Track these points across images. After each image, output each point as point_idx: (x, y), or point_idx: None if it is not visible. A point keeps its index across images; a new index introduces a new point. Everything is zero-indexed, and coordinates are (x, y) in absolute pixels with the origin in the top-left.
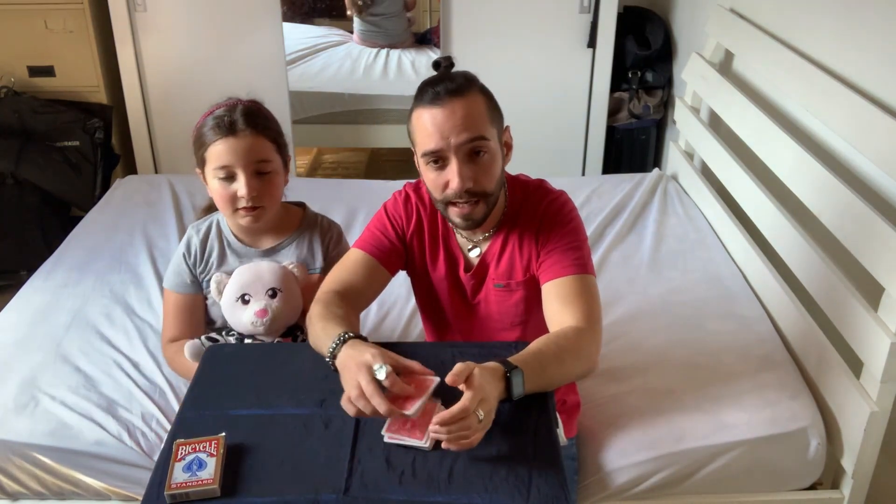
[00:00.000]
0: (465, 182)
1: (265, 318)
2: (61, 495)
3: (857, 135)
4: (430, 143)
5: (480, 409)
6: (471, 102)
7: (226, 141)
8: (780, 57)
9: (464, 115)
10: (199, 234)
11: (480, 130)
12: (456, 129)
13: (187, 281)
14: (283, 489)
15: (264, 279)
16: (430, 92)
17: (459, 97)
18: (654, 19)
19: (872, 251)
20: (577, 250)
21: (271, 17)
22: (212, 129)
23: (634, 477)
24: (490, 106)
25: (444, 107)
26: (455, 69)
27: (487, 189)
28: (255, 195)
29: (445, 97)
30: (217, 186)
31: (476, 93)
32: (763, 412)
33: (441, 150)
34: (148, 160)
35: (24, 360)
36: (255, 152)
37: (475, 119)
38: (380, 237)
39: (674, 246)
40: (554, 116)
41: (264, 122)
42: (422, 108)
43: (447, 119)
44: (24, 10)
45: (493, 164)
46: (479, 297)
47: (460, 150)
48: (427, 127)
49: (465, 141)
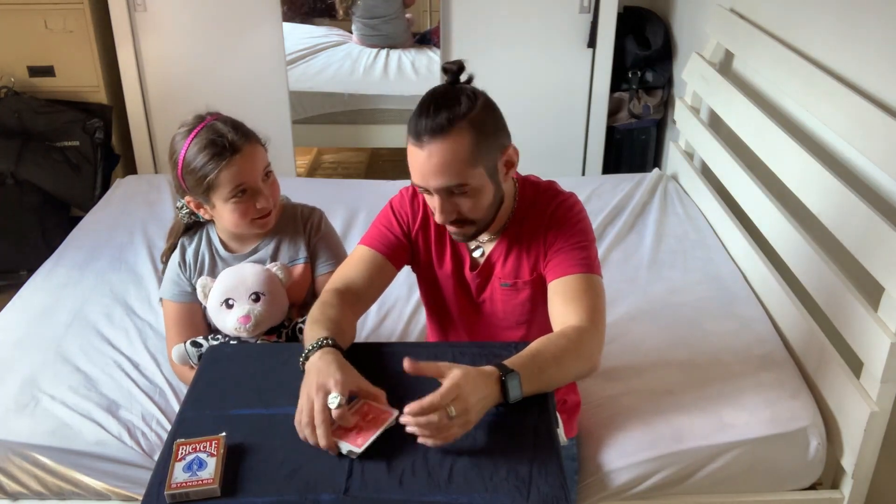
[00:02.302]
0: (446, 216)
1: (248, 324)
2: (61, 495)
3: (857, 135)
4: (415, 178)
5: (454, 406)
6: (453, 144)
7: (232, 162)
8: (780, 57)
9: (440, 161)
10: (190, 246)
11: (457, 177)
12: (433, 175)
13: (187, 289)
14: (283, 489)
15: (247, 283)
16: (415, 124)
17: (440, 139)
18: (654, 19)
19: (872, 251)
20: (585, 250)
21: (271, 17)
22: (212, 158)
23: (634, 477)
24: (478, 140)
25: (423, 149)
26: (465, 74)
27: (471, 217)
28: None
29: (426, 137)
30: (232, 207)
31: (462, 130)
32: (763, 412)
33: (423, 187)
34: (148, 160)
35: (24, 360)
36: (260, 160)
37: (452, 165)
38: (385, 233)
39: (674, 246)
40: (554, 116)
41: (247, 129)
42: (410, 138)
43: (425, 162)
44: (24, 10)
45: (478, 198)
46: (485, 296)
47: (441, 190)
48: (412, 162)
49: (440, 186)
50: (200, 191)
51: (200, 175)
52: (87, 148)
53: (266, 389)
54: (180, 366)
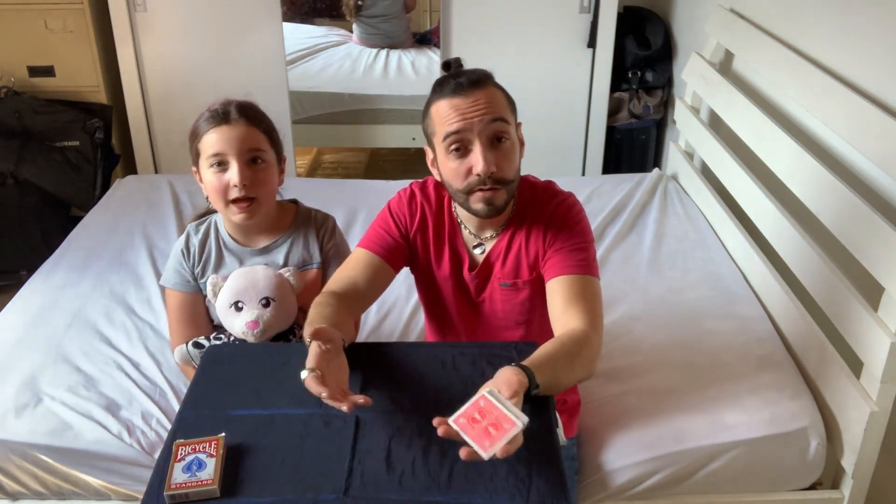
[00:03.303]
0: (489, 166)
1: (256, 329)
2: (61, 495)
3: (856, 135)
4: (454, 125)
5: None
6: (493, 91)
7: (219, 129)
8: (780, 57)
9: (486, 100)
10: (197, 234)
11: (503, 113)
12: (480, 113)
13: (189, 279)
14: (283, 489)
15: (258, 287)
16: (451, 83)
17: (481, 87)
18: (654, 19)
19: (872, 251)
20: (584, 251)
21: (271, 17)
22: (206, 120)
23: (634, 477)
24: (507, 99)
25: (468, 96)
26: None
27: (508, 176)
28: (248, 184)
29: (468, 87)
30: (210, 177)
31: (494, 86)
32: (763, 412)
33: (465, 132)
34: (148, 160)
35: (24, 360)
36: (248, 141)
37: (497, 104)
38: (383, 234)
39: (674, 246)
40: (554, 116)
41: (257, 114)
42: (442, 98)
43: (471, 105)
44: (24, 10)
45: (513, 153)
46: (484, 296)
47: (483, 133)
48: (450, 114)
49: (489, 121)
50: (194, 155)
51: (193, 136)
52: (87, 148)
53: (265, 390)
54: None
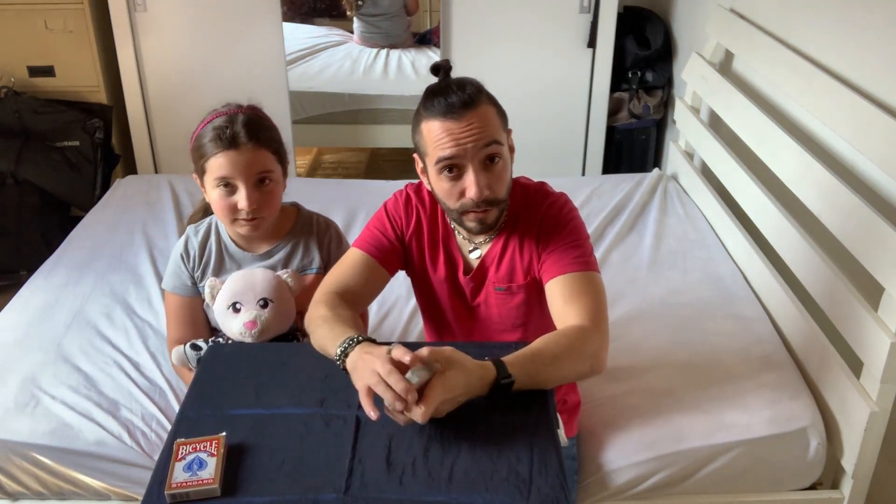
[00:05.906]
0: (482, 191)
1: (254, 329)
2: (61, 495)
3: (857, 135)
4: (447, 151)
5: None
6: (484, 112)
7: (227, 154)
8: (780, 57)
9: (479, 124)
10: (197, 237)
11: (496, 135)
12: (473, 138)
13: (188, 283)
14: (283, 489)
15: (256, 289)
16: (442, 103)
17: (473, 109)
18: (654, 19)
19: (872, 251)
20: (579, 248)
21: (271, 17)
22: (212, 140)
23: (634, 477)
24: (497, 112)
25: (460, 119)
26: (454, 73)
27: (500, 196)
28: (256, 207)
29: (460, 108)
30: (217, 197)
31: (486, 102)
32: (763, 412)
33: (458, 158)
34: (148, 160)
35: (24, 360)
36: (257, 165)
37: (489, 126)
38: (379, 237)
39: (674, 246)
40: (554, 116)
41: (266, 133)
42: (434, 119)
43: (464, 129)
44: (24, 10)
45: (505, 172)
46: (479, 300)
47: (476, 157)
48: (442, 137)
49: (482, 146)
50: (198, 170)
51: (198, 154)
52: (87, 148)
53: (266, 389)
54: (179, 367)
